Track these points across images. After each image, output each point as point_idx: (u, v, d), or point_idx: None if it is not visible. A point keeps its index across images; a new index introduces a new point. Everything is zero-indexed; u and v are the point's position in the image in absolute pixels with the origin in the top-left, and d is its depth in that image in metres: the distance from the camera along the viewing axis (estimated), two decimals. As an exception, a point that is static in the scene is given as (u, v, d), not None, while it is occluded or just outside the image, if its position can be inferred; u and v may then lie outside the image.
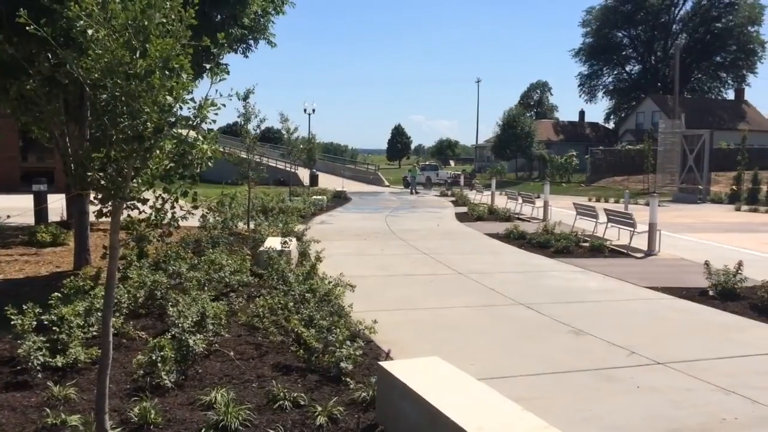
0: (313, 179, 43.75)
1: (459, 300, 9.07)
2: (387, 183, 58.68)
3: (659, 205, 28.43)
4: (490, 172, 56.34)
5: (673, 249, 14.20)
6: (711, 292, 9.28)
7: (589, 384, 5.68)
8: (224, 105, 4.02)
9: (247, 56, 12.31)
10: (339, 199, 31.26)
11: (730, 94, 77.33)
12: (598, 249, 13.81)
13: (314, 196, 26.91)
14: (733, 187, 32.15)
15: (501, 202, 26.04)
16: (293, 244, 10.91)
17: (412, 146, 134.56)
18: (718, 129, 53.50)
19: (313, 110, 51.57)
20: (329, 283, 7.97)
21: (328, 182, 45.55)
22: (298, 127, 27.61)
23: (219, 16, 10.80)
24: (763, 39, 74.62)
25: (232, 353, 5.99)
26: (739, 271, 9.30)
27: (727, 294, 9.09)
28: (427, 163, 67.57)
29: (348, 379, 5.32)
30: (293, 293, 7.54)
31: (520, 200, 24.50)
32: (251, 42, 12.00)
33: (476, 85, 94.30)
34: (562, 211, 22.46)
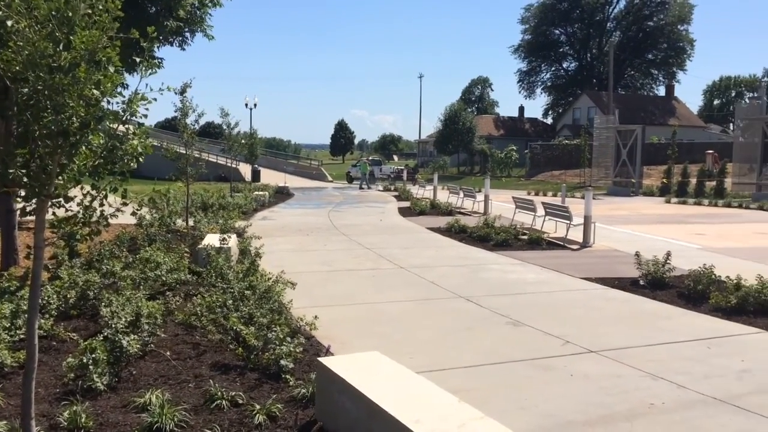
0: (255, 175, 43.20)
1: (400, 294, 9.14)
2: (330, 178, 58.50)
3: (594, 198, 29.26)
4: (433, 167, 56.97)
5: (607, 240, 14.66)
6: (641, 282, 9.63)
7: (525, 373, 5.81)
8: (155, 99, 3.92)
9: (183, 49, 12.03)
10: (281, 194, 30.97)
11: (662, 91, 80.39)
12: (536, 241, 14.13)
13: (256, 192, 26.57)
14: (664, 180, 33.41)
15: (443, 196, 26.34)
16: (233, 241, 10.76)
17: (356, 141, 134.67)
18: (649, 124, 55.50)
19: (255, 105, 50.86)
20: (270, 279, 7.89)
21: (271, 178, 45.08)
22: (240, 121, 26.94)
23: (153, 8, 10.51)
24: (692, 37, 77.93)
25: (168, 353, 5.86)
26: (668, 261, 9.68)
27: (657, 283, 9.45)
28: (370, 158, 67.66)
29: (288, 377, 5.29)
30: (232, 290, 7.43)
31: (461, 194, 24.83)
32: (188, 34, 11.72)
33: (419, 81, 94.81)
34: (502, 204, 22.87)
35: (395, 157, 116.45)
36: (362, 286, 9.69)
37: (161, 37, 10.43)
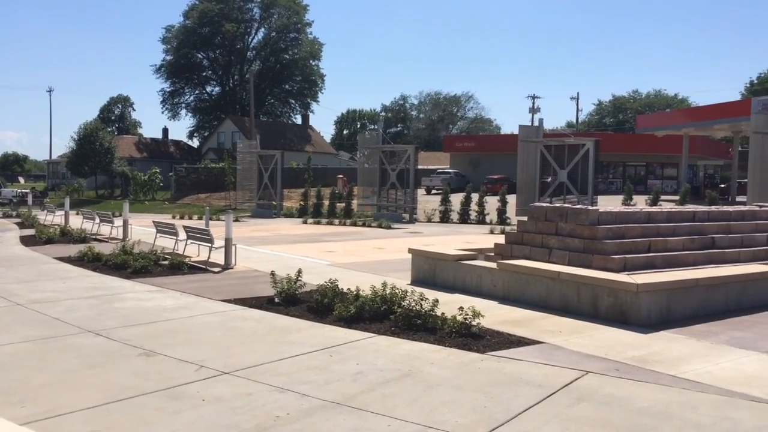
0: None
1: (14, 336, 7.99)
2: (-70, 204, 48.78)
3: (239, 221, 29.99)
4: (66, 190, 51.86)
5: (248, 261, 15.07)
6: (277, 300, 10.11)
7: (155, 405, 5.58)
8: None
9: None
10: None
11: (299, 119, 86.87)
12: (177, 266, 13.81)
13: None
14: (301, 202, 35.95)
15: (77, 222, 24.06)
16: None
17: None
18: (289, 150, 59.45)
19: None
20: None
21: None
22: None
23: None
24: (323, 72, 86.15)
25: None
26: (299, 278, 10.34)
27: (290, 299, 10.01)
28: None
29: None
30: None
31: (97, 220, 23.06)
32: None
33: (48, 95, 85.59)
34: (144, 229, 21.85)
35: (21, 179, 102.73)
36: (-36, 331, 8.21)
37: None
